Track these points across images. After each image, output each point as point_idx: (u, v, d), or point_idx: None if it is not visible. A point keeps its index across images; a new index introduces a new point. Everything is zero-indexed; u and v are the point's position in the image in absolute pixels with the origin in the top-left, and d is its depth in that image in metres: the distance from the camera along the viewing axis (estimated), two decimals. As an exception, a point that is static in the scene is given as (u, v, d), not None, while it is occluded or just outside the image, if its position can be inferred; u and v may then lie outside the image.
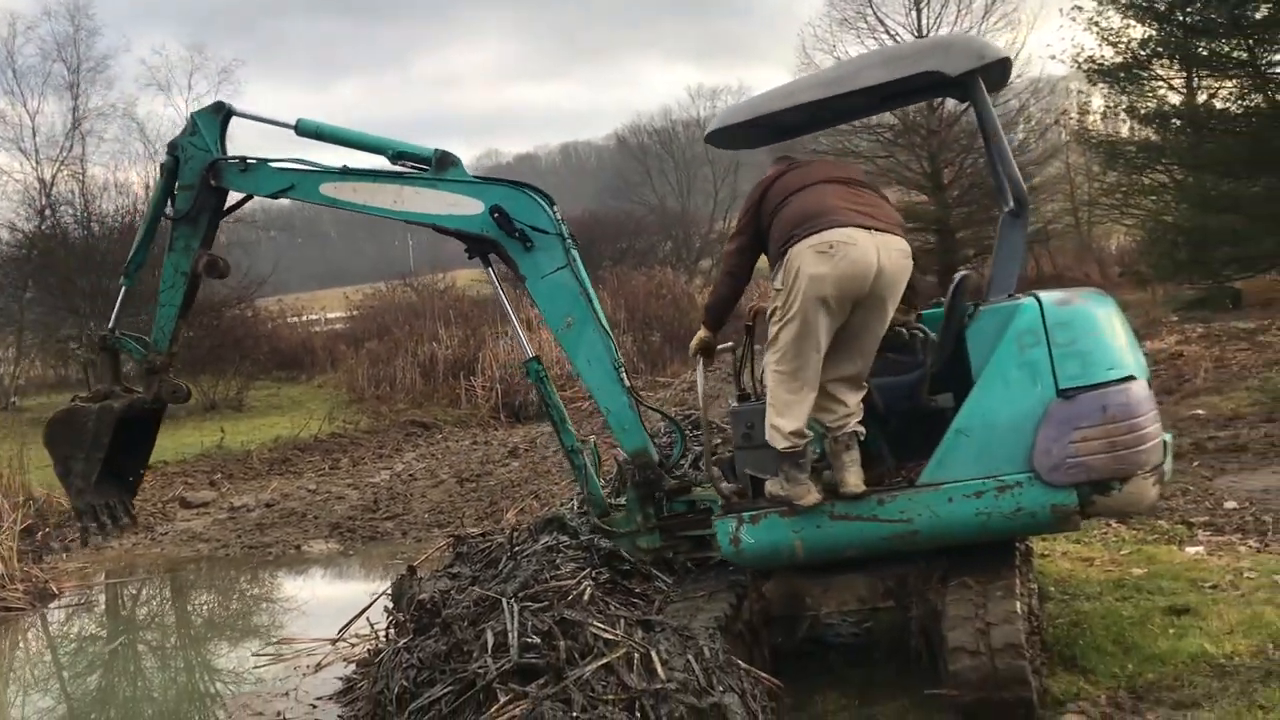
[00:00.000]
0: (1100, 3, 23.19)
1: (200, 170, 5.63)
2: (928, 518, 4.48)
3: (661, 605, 4.88)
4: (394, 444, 17.61)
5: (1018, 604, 4.28)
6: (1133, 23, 23.23)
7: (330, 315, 33.20)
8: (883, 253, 4.39)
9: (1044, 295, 4.55)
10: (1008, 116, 29.41)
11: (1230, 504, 7.60)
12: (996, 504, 4.38)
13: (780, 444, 4.54)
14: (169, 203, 5.76)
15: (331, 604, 8.94)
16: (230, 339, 23.16)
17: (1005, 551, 4.68)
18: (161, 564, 10.92)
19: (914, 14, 29.43)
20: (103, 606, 9.76)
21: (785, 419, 4.50)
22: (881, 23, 29.59)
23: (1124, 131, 26.41)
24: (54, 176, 25.11)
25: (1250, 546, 6.53)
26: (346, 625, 6.40)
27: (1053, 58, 25.61)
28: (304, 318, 32.89)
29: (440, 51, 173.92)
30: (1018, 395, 4.39)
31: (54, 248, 23.51)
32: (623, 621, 3.89)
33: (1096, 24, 23.47)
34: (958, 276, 4.87)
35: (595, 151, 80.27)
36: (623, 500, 5.47)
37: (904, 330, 4.87)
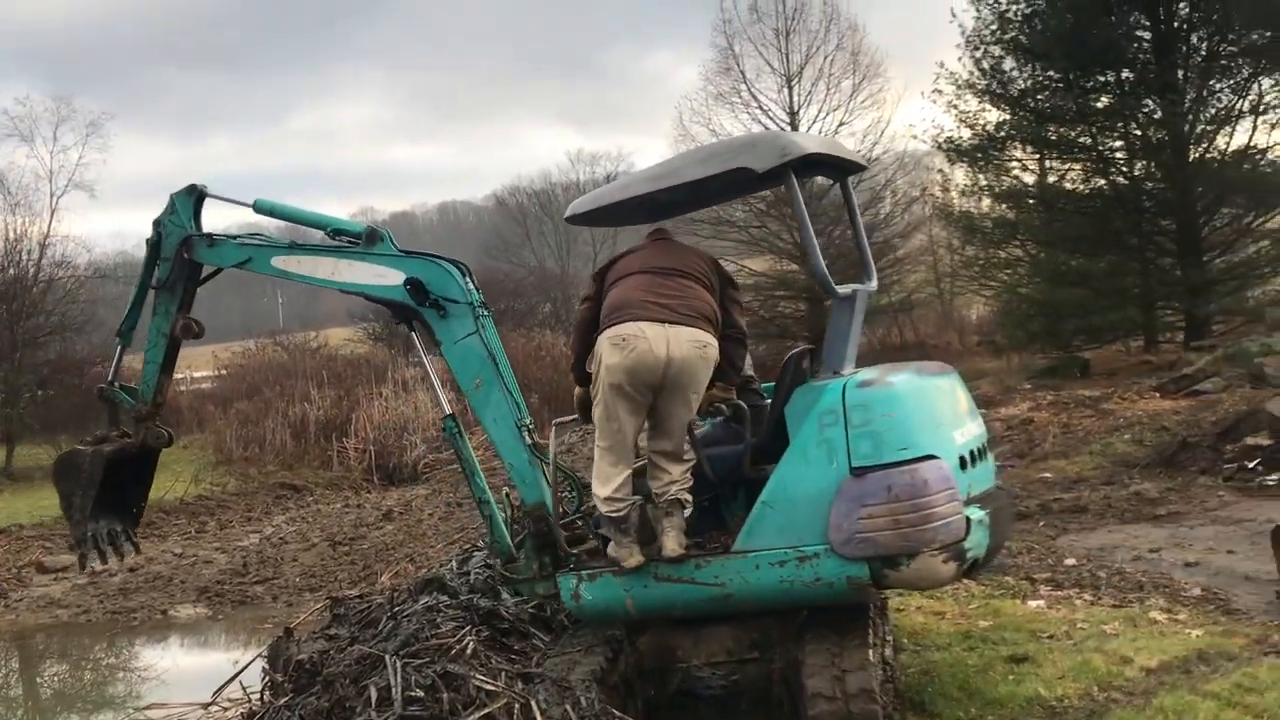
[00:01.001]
0: (958, 87, 24.54)
1: (176, 245, 6.27)
2: (739, 583, 4.76)
3: (540, 659, 5.07)
4: (263, 507, 17.30)
5: (871, 652, 4.61)
6: (988, 107, 24.65)
7: (197, 374, 32.30)
8: (673, 344, 4.77)
9: (857, 375, 4.84)
10: (875, 190, 30.74)
11: (1070, 561, 8.16)
12: (798, 573, 4.65)
13: (602, 509, 4.96)
14: (154, 273, 6.43)
15: (199, 671, 8.80)
16: (92, 398, 22.37)
17: (860, 605, 5.00)
18: (13, 631, 10.54)
19: (785, 92, 30.56)
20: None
21: (603, 487, 4.94)
22: (755, 99, 30.57)
23: (984, 207, 27.81)
24: (-95, 228, 24.13)
25: (1085, 600, 7.06)
26: (221, 688, 6.36)
27: (914, 137, 26.73)
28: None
29: (315, 108, 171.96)
30: (816, 471, 4.64)
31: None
32: (504, 674, 4.06)
33: (955, 106, 24.81)
34: (789, 355, 5.23)
35: (474, 211, 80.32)
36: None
37: (724, 406, 5.13)
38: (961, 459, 4.80)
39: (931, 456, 4.58)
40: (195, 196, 6.36)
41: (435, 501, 16.11)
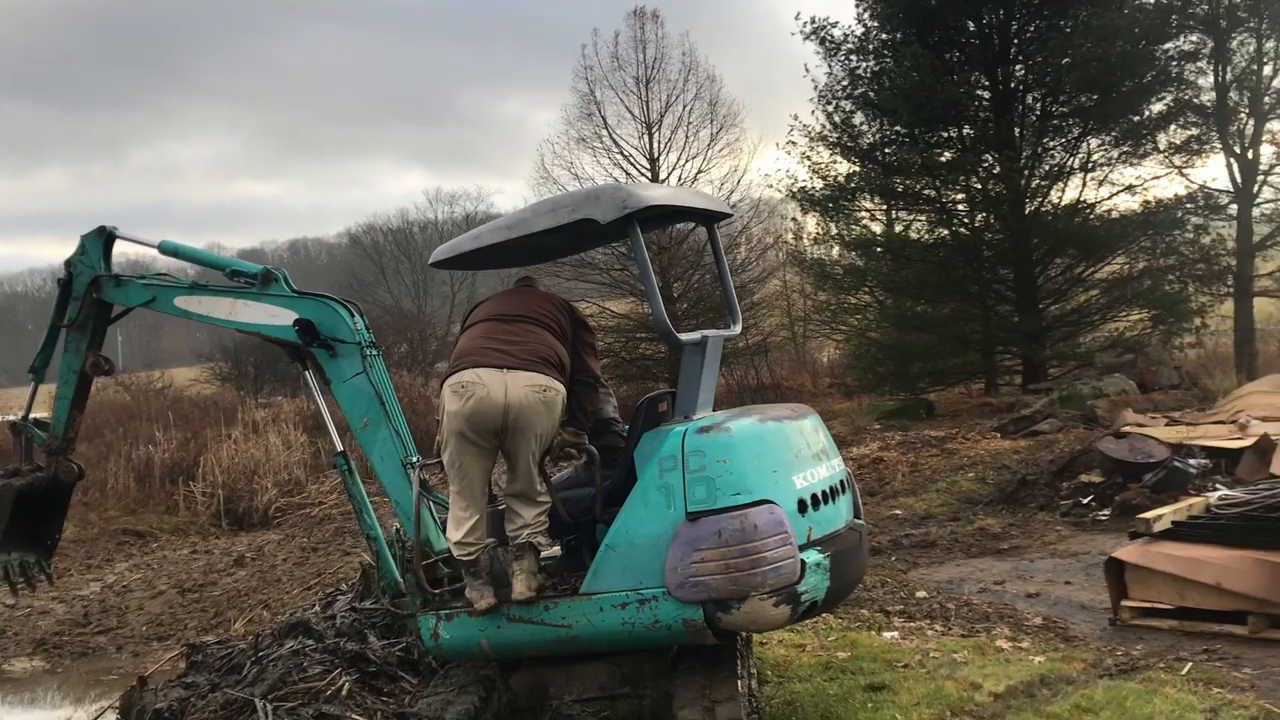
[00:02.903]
0: (811, 139, 25.48)
1: (85, 285, 6.46)
2: (584, 624, 4.84)
3: (412, 700, 5.03)
4: (105, 553, 16.50)
5: (739, 684, 4.74)
6: (839, 159, 25.63)
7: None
8: (511, 389, 4.88)
9: (698, 421, 4.92)
10: (731, 236, 31.50)
11: (921, 593, 8.50)
12: (638, 615, 4.70)
13: (455, 553, 5.05)
14: (65, 312, 6.63)
15: (36, 727, 8.36)
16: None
17: (728, 640, 5.11)
18: None
19: (646, 138, 31.13)
20: None
21: (455, 532, 5.03)
22: (617, 144, 31.06)
23: (834, 254, 28.81)
24: None
25: (936, 630, 7.38)
26: (68, 742, 6.08)
27: (770, 186, 27.60)
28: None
29: (155, 143, 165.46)
30: (655, 516, 4.70)
31: None
32: (379, 714, 4.04)
33: (808, 157, 25.73)
34: (642, 399, 5.33)
35: (326, 249, 78.91)
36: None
37: (573, 450, 5.18)
38: (801, 503, 4.87)
39: (766, 501, 4.64)
40: (105, 238, 6.55)
41: (289, 546, 15.68)
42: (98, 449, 21.97)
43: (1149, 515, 7.72)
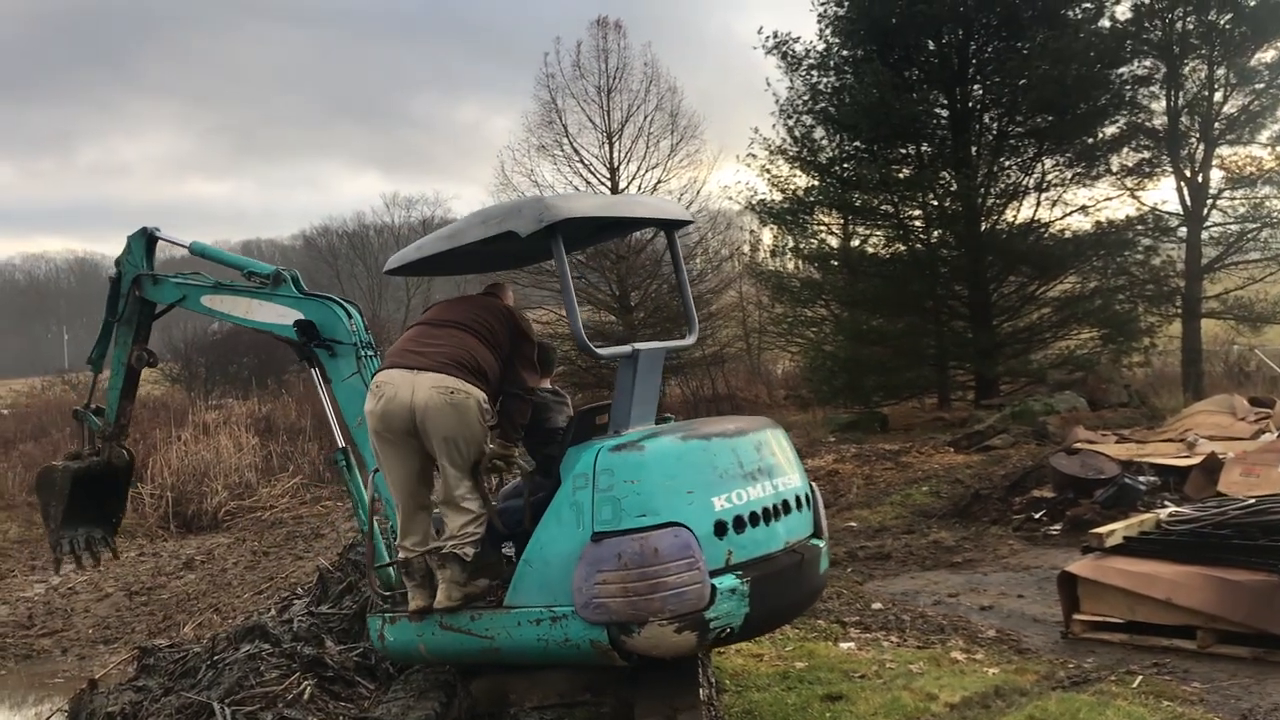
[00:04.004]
0: (771, 152, 25.64)
1: (129, 283, 6.91)
2: (505, 637, 4.82)
3: (372, 705, 5.00)
4: (49, 555, 16.16)
5: (701, 691, 4.75)
6: (798, 173, 25.81)
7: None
8: (417, 390, 4.86)
9: (616, 438, 4.83)
10: (688, 248, 31.60)
11: (877, 605, 8.58)
12: (551, 632, 4.65)
13: (398, 553, 5.15)
14: (116, 308, 7.06)
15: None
16: None
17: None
18: None
19: (607, 147, 31.17)
20: None
21: (399, 532, 5.14)
22: (577, 153, 31.07)
23: (790, 267, 29.00)
24: None
25: (892, 641, 7.45)
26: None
27: (729, 199, 27.80)
28: (-57, 415, 29.60)
29: (104, 140, 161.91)
30: (566, 533, 4.63)
31: None
32: (341, 719, 4.00)
33: (768, 170, 25.88)
34: (576, 414, 5.28)
35: (280, 251, 78.16)
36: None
37: (500, 462, 5.13)
38: (720, 525, 4.67)
39: (674, 524, 4.51)
40: (147, 238, 6.98)
41: (240, 550, 15.50)
42: (44, 448, 21.62)
43: (1102, 530, 7.84)
